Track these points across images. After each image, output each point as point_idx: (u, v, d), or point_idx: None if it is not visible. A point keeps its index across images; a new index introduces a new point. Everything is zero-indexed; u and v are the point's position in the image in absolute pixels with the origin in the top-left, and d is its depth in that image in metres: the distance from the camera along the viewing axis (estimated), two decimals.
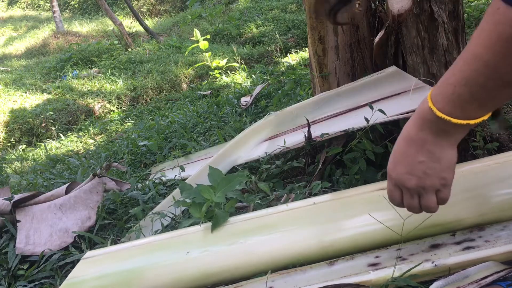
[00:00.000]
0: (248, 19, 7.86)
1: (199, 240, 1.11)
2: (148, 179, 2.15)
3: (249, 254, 1.04)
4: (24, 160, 3.87)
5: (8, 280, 1.42)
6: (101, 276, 1.09)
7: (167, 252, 1.10)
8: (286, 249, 1.04)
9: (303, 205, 1.13)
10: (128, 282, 1.05)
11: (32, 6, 15.54)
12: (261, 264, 1.03)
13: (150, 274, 1.05)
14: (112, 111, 5.49)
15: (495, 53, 0.54)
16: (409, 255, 0.98)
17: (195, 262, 1.06)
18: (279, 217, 1.11)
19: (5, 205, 1.66)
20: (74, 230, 1.57)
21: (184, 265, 1.06)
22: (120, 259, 1.12)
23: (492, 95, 0.58)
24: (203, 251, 1.07)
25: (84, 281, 1.08)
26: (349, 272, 0.97)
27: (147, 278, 1.05)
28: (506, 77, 0.55)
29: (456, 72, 0.59)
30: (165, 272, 1.05)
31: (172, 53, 6.97)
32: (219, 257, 1.05)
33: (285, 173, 1.73)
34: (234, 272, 1.03)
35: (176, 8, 12.22)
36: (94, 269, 1.11)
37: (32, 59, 9.10)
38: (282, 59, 5.16)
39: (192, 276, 1.04)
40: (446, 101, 0.60)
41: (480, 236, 0.99)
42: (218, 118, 3.00)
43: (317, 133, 1.63)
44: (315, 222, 1.07)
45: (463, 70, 0.58)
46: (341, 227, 1.05)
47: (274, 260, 1.03)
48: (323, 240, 1.03)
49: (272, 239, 1.06)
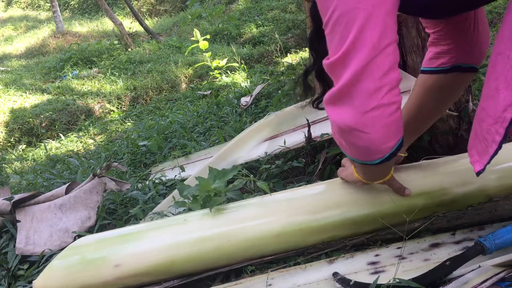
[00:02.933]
0: (248, 19, 7.86)
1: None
2: (148, 179, 2.15)
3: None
4: (24, 160, 3.87)
5: (8, 280, 1.42)
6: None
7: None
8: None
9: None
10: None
11: (32, 6, 15.53)
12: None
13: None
14: (112, 111, 5.49)
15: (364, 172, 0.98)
16: (409, 254, 0.98)
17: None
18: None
19: (5, 205, 1.66)
20: (74, 230, 1.57)
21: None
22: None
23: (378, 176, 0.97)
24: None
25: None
26: (349, 270, 0.97)
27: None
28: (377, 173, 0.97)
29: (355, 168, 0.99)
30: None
31: (172, 53, 6.96)
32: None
33: (285, 173, 1.73)
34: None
35: (176, 8, 12.22)
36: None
37: (32, 59, 9.09)
38: (282, 59, 5.16)
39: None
40: (359, 174, 0.99)
41: (480, 235, 1.00)
42: (218, 118, 3.00)
43: (317, 133, 1.63)
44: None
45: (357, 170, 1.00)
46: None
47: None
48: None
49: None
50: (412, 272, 0.93)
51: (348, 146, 0.82)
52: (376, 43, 0.69)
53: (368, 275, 0.95)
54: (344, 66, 0.71)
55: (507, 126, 0.64)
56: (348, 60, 0.71)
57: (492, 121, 0.67)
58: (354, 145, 0.79)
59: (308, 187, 1.21)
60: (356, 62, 0.70)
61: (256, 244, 1.04)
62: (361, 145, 0.77)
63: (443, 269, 0.87)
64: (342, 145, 0.85)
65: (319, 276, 0.98)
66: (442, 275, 0.87)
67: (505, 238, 0.87)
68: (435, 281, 0.87)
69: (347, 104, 0.73)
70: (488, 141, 0.69)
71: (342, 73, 0.72)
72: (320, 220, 1.04)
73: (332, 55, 0.74)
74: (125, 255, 1.07)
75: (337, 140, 0.85)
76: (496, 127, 0.66)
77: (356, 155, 0.83)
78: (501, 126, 0.65)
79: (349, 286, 0.91)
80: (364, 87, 0.70)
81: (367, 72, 0.69)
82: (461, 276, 0.87)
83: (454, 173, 1.05)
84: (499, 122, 0.65)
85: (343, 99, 0.73)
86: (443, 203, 1.03)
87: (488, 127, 0.68)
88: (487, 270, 0.86)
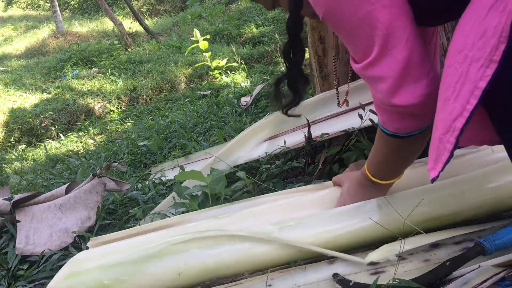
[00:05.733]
0: (248, 19, 7.87)
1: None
2: (148, 179, 2.15)
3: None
4: (24, 160, 3.87)
5: (8, 280, 1.42)
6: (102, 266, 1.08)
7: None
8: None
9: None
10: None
11: (32, 6, 15.53)
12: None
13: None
14: (112, 111, 5.49)
15: (386, 155, 0.98)
16: (409, 255, 0.98)
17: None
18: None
19: (5, 205, 1.66)
20: (74, 230, 1.57)
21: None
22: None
23: (393, 170, 1.02)
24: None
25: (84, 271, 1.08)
26: (349, 271, 0.97)
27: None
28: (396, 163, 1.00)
29: (373, 158, 1.02)
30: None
31: (172, 53, 6.96)
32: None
33: (285, 173, 1.73)
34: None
35: (176, 8, 12.22)
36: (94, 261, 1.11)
37: (32, 59, 9.09)
38: (282, 59, 5.16)
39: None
40: (373, 171, 1.03)
41: (480, 236, 1.00)
42: (218, 118, 3.00)
43: (317, 133, 1.63)
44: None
45: (376, 156, 1.01)
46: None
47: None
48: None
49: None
50: (412, 273, 0.93)
51: (397, 117, 0.85)
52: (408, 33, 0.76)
53: (368, 275, 0.95)
54: (385, 61, 0.77)
55: (457, 135, 0.68)
56: (390, 53, 0.76)
57: (444, 130, 0.70)
58: (403, 115, 0.84)
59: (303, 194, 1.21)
60: (398, 54, 0.76)
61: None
62: (410, 115, 0.83)
63: (443, 269, 0.87)
64: (389, 116, 0.87)
65: (319, 276, 0.98)
66: (442, 276, 0.87)
67: (505, 238, 0.87)
68: (434, 281, 0.87)
69: (405, 88, 0.79)
70: (441, 149, 0.72)
71: (384, 70, 0.78)
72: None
73: (366, 57, 0.79)
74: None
75: (384, 112, 0.87)
76: (447, 137, 0.70)
77: (398, 123, 0.86)
78: (452, 135, 0.69)
79: (349, 286, 0.91)
80: (413, 74, 0.78)
81: (412, 61, 0.77)
82: (461, 276, 0.87)
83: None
84: (450, 132, 0.69)
85: (401, 85, 0.79)
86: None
87: (441, 136, 0.71)
88: (487, 270, 0.86)
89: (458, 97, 0.67)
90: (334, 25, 0.82)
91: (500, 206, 1.05)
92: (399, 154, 0.96)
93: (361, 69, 0.82)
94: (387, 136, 0.91)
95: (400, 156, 0.97)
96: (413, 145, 0.94)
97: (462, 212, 1.04)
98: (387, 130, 0.89)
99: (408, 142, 0.90)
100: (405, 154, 0.97)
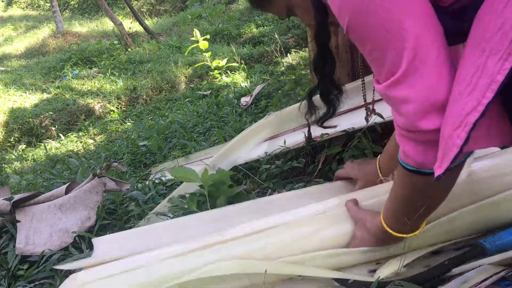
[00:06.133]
0: (248, 19, 7.86)
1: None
2: (148, 179, 2.15)
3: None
4: (24, 160, 3.87)
5: (8, 280, 1.42)
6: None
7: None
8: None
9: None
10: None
11: (32, 6, 15.53)
12: None
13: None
14: (112, 111, 5.49)
15: (406, 198, 0.87)
16: (410, 261, 0.98)
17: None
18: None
19: (5, 205, 1.66)
20: (74, 230, 1.57)
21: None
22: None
23: (414, 218, 0.88)
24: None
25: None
26: (350, 277, 0.97)
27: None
28: (418, 208, 0.86)
29: (392, 206, 0.93)
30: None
31: (172, 53, 6.96)
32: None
33: (285, 173, 1.73)
34: None
35: (176, 8, 12.22)
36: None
37: (32, 59, 9.09)
38: (282, 59, 5.16)
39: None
40: (392, 222, 0.94)
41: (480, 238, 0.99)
42: (218, 118, 3.00)
43: (317, 133, 1.63)
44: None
45: (394, 202, 0.91)
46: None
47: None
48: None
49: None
50: None
51: (422, 148, 0.76)
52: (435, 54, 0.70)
53: (367, 274, 0.95)
54: (411, 83, 0.71)
55: (469, 129, 0.64)
56: (418, 70, 0.70)
57: (455, 125, 0.66)
58: (428, 145, 0.75)
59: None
60: (427, 71, 0.70)
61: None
62: (436, 144, 0.73)
63: (441, 268, 0.88)
64: (412, 147, 0.78)
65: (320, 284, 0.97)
66: (441, 274, 0.87)
67: (506, 239, 0.87)
68: (432, 278, 0.87)
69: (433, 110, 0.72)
70: (449, 145, 0.68)
71: (411, 89, 0.71)
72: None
73: (391, 74, 0.73)
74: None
75: (407, 141, 0.78)
76: (458, 132, 0.66)
77: (423, 155, 0.77)
78: (463, 130, 0.65)
79: (347, 284, 0.92)
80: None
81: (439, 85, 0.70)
82: (461, 275, 0.87)
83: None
84: (461, 127, 0.65)
85: (429, 107, 0.72)
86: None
87: (451, 132, 0.67)
88: (487, 269, 0.86)
89: (474, 91, 0.64)
90: (358, 38, 0.75)
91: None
92: (422, 196, 0.85)
93: (385, 89, 0.74)
94: (409, 173, 0.80)
95: (422, 198, 0.85)
96: (439, 185, 0.81)
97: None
98: (409, 166, 0.79)
99: (433, 181, 0.77)
100: (429, 196, 0.85)
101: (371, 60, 0.76)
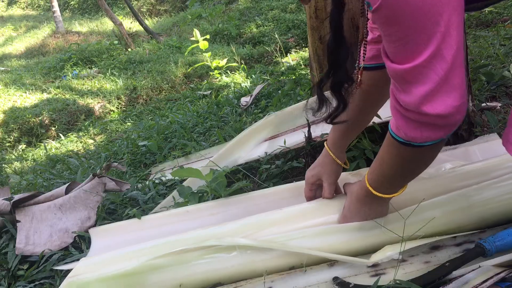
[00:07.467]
0: (248, 19, 7.86)
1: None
2: (148, 179, 2.15)
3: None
4: (24, 160, 3.87)
5: (8, 280, 1.42)
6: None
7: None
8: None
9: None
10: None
11: (32, 6, 15.52)
12: None
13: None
14: (112, 111, 5.49)
15: (393, 166, 0.91)
16: (409, 257, 0.98)
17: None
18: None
19: (5, 205, 1.66)
20: (74, 230, 1.57)
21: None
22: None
23: (399, 183, 0.96)
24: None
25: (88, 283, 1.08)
26: (349, 273, 0.97)
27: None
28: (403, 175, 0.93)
29: (377, 169, 0.96)
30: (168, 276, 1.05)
31: (172, 53, 6.95)
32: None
33: (285, 173, 1.73)
34: None
35: (176, 8, 12.21)
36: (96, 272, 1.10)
37: (32, 59, 9.09)
38: (282, 59, 5.16)
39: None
40: (375, 184, 0.98)
41: (480, 238, 0.99)
42: (218, 118, 3.00)
43: (317, 133, 1.63)
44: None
45: (380, 168, 0.95)
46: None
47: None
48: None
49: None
50: (412, 275, 0.92)
51: (416, 125, 0.80)
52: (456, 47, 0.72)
53: (368, 277, 0.95)
54: (432, 68, 0.73)
55: None
56: (441, 54, 0.72)
57: None
58: (425, 124, 0.78)
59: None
60: (448, 55, 0.72)
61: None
62: (431, 125, 0.78)
63: (442, 270, 0.87)
64: (407, 123, 0.81)
65: (319, 278, 0.98)
66: (441, 276, 0.87)
67: (506, 240, 0.87)
68: (434, 281, 0.87)
69: (440, 95, 0.75)
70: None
71: (432, 72, 0.73)
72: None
73: (413, 57, 0.74)
74: None
75: (402, 118, 0.81)
76: None
77: (415, 132, 0.80)
78: None
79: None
80: (454, 81, 0.74)
81: (456, 65, 0.73)
82: (462, 276, 0.87)
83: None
84: None
85: (439, 91, 0.74)
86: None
87: None
88: (488, 270, 0.86)
89: None
90: (389, 16, 0.72)
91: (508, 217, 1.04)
92: (409, 164, 0.89)
93: (404, 71, 0.74)
94: (399, 144, 0.83)
95: (409, 167, 0.90)
96: (425, 156, 0.86)
97: (468, 225, 1.03)
98: (400, 138, 0.82)
99: (420, 152, 0.83)
100: (414, 165, 0.89)
101: (393, 40, 0.75)
